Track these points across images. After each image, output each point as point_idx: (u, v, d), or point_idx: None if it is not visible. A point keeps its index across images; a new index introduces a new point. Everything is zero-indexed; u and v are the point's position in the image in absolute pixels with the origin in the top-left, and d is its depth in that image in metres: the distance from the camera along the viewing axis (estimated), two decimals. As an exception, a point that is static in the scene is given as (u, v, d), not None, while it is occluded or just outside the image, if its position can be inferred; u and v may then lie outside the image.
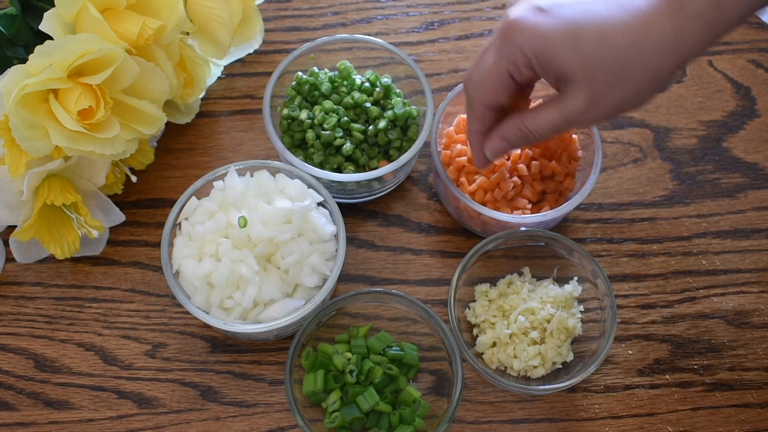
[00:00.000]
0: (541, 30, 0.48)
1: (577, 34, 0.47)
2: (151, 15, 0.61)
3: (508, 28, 0.49)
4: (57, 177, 0.62)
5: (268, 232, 0.58)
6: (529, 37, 0.48)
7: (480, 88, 0.52)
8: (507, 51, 0.50)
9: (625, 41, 0.47)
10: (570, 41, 0.47)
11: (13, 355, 0.63)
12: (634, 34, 0.47)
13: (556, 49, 0.48)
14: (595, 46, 0.47)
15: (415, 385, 0.61)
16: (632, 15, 0.47)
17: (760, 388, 0.62)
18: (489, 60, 0.51)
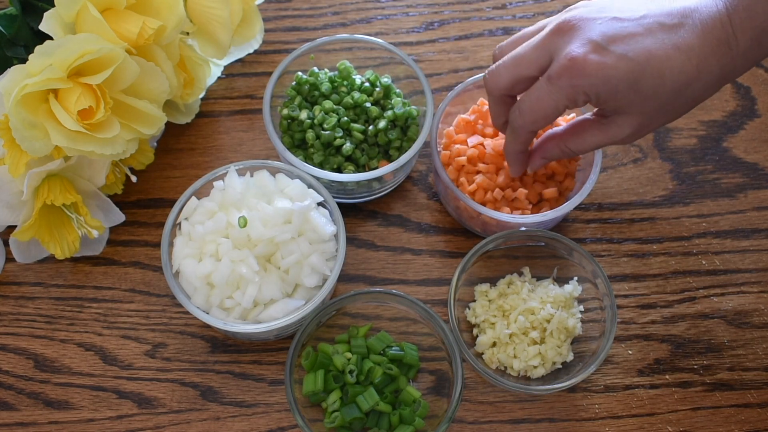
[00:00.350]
0: (605, 71, 0.49)
1: (638, 75, 0.49)
2: (151, 15, 0.61)
3: (570, 67, 0.50)
4: (57, 177, 0.62)
5: (268, 232, 0.58)
6: (592, 78, 0.50)
7: (530, 118, 0.54)
8: (568, 90, 0.51)
9: (681, 81, 0.49)
10: (632, 82, 0.49)
11: (13, 355, 0.63)
12: (688, 75, 0.49)
13: (618, 89, 0.50)
14: (655, 86, 0.49)
15: (415, 385, 0.61)
16: (686, 55, 0.49)
17: (760, 388, 0.62)
18: (543, 94, 0.52)
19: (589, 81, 0.50)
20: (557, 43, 0.52)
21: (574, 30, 0.51)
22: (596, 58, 0.49)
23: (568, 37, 0.51)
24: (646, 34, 0.49)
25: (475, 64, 0.76)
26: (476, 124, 0.68)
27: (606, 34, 0.50)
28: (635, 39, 0.49)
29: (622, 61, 0.49)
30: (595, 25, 0.50)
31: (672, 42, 0.49)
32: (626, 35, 0.49)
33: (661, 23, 0.50)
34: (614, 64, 0.49)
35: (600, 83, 0.50)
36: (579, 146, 0.55)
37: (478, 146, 0.65)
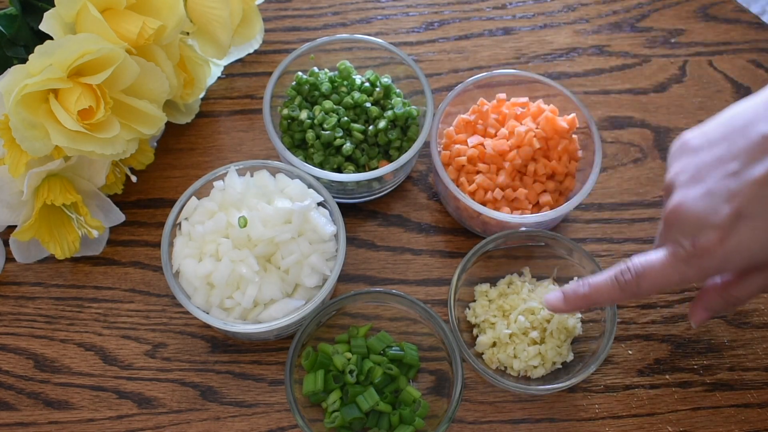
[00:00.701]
0: (737, 248, 0.47)
1: (766, 232, 0.46)
2: (151, 15, 0.61)
3: (696, 255, 0.48)
4: (57, 177, 0.62)
5: (268, 232, 0.58)
6: (727, 260, 0.47)
7: (650, 290, 0.51)
8: (698, 273, 0.48)
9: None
10: (764, 240, 0.46)
11: (13, 355, 0.63)
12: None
13: (758, 253, 0.47)
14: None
15: (415, 385, 0.61)
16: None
17: (760, 388, 0.62)
18: (670, 271, 0.49)
19: (718, 263, 0.47)
20: (673, 234, 0.49)
21: (682, 218, 0.48)
22: (720, 245, 0.46)
23: (679, 227, 0.49)
24: (755, 186, 0.46)
25: (475, 64, 0.76)
26: (476, 124, 0.68)
27: (714, 210, 0.47)
28: (748, 198, 0.46)
29: (746, 229, 0.46)
30: (700, 204, 0.47)
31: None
32: (737, 200, 0.46)
33: (763, 161, 0.46)
34: (740, 239, 0.46)
35: (735, 261, 0.47)
36: (744, 292, 0.51)
37: (478, 146, 0.65)
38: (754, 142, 0.46)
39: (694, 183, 0.49)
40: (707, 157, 0.49)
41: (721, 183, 0.47)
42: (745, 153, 0.46)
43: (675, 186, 0.50)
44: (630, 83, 0.76)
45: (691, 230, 0.48)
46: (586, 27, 0.79)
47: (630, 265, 0.51)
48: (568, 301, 0.55)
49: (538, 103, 0.68)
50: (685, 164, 0.50)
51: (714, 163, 0.48)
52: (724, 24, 0.79)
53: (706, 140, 0.49)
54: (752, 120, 0.47)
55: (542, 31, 0.79)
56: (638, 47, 0.78)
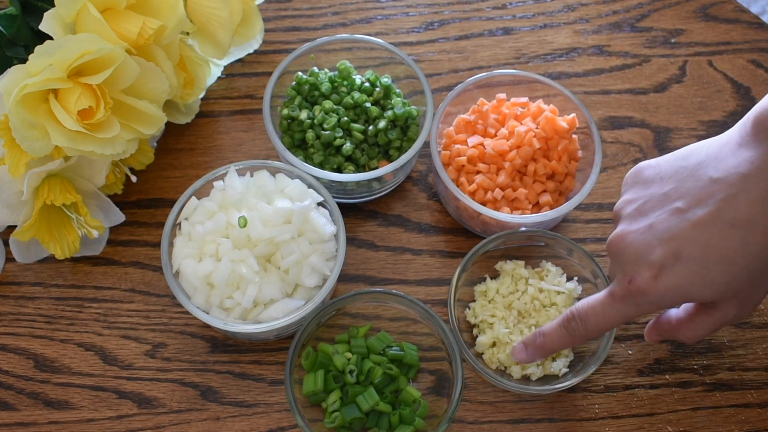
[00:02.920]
0: (671, 286, 0.47)
1: (705, 273, 0.47)
2: (151, 15, 0.61)
3: (632, 293, 0.49)
4: (57, 177, 0.62)
5: (268, 232, 0.58)
6: (660, 297, 0.48)
7: (595, 331, 0.53)
8: (636, 310, 0.50)
9: (754, 255, 0.46)
10: (701, 282, 0.47)
11: (13, 355, 0.63)
12: (759, 246, 0.46)
13: (692, 293, 0.48)
14: (727, 272, 0.47)
15: (415, 385, 0.61)
16: (748, 229, 0.46)
17: (760, 388, 0.62)
18: (609, 311, 0.51)
19: (653, 300, 0.48)
20: (615, 266, 0.51)
21: (621, 251, 0.50)
22: (654, 283, 0.48)
23: (621, 260, 0.50)
24: (696, 227, 0.47)
25: (475, 64, 0.76)
26: (476, 124, 0.68)
27: (654, 248, 0.48)
28: (686, 239, 0.47)
29: (681, 269, 0.47)
30: (640, 240, 0.49)
31: (726, 221, 0.46)
32: (676, 240, 0.47)
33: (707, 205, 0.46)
34: (673, 278, 0.47)
35: (669, 298, 0.48)
36: (693, 333, 0.53)
37: (478, 146, 0.65)
38: (701, 185, 0.47)
39: (638, 216, 0.50)
40: (655, 192, 0.50)
41: (663, 221, 0.48)
42: (691, 194, 0.47)
43: (621, 217, 0.52)
44: (630, 83, 0.76)
45: (629, 265, 0.49)
46: (586, 27, 0.79)
47: (574, 310, 0.53)
48: (529, 352, 0.57)
49: (538, 103, 0.68)
50: (634, 195, 0.51)
51: (660, 199, 0.49)
52: (724, 24, 0.79)
53: (658, 174, 0.51)
54: (704, 162, 0.48)
55: (542, 31, 0.79)
56: (638, 47, 0.78)
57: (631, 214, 0.51)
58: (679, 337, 0.54)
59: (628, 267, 0.49)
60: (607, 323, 0.52)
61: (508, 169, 0.64)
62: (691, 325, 0.53)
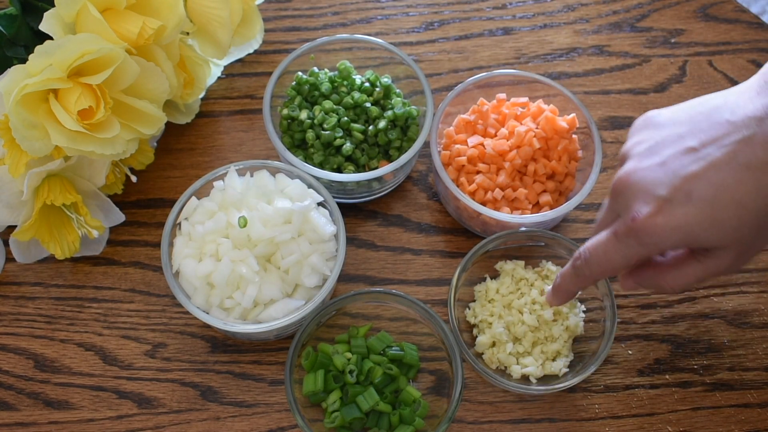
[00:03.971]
0: (675, 226, 0.45)
1: (714, 215, 0.45)
2: (151, 15, 0.61)
3: (636, 229, 0.46)
4: (57, 177, 0.62)
5: (268, 232, 0.58)
6: (662, 237, 0.46)
7: (599, 272, 0.50)
8: (638, 249, 0.47)
9: (766, 202, 0.44)
10: (710, 223, 0.45)
11: (13, 355, 0.63)
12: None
13: (697, 235, 0.46)
14: (738, 216, 0.45)
15: (415, 385, 0.61)
16: (763, 172, 0.44)
17: (760, 388, 0.62)
18: (611, 250, 0.48)
19: (657, 239, 0.46)
20: (619, 203, 0.49)
21: (629, 187, 0.47)
22: (660, 218, 0.45)
23: (626, 197, 0.48)
24: (709, 167, 0.45)
25: (475, 64, 0.76)
26: (476, 124, 0.68)
27: (664, 183, 0.46)
28: (698, 177, 0.45)
29: (690, 208, 0.45)
30: (650, 175, 0.47)
31: (742, 162, 0.44)
32: (688, 177, 0.45)
33: (723, 146, 0.45)
34: (684, 214, 0.45)
35: (674, 236, 0.46)
36: (677, 281, 0.49)
37: (478, 146, 0.65)
38: (717, 126, 0.46)
39: (650, 154, 0.48)
40: (668, 133, 0.48)
41: (676, 158, 0.46)
42: (707, 134, 0.46)
43: (629, 156, 0.49)
44: (630, 83, 0.76)
45: (635, 200, 0.47)
46: (586, 27, 0.79)
47: (581, 249, 0.51)
48: (552, 296, 0.57)
49: (538, 103, 0.68)
50: (645, 137, 0.49)
51: (674, 139, 0.47)
52: (724, 24, 0.79)
53: (670, 119, 0.49)
54: (720, 106, 0.47)
55: (542, 31, 0.79)
56: (638, 47, 0.78)
57: (641, 153, 0.48)
58: (661, 283, 0.50)
59: (634, 203, 0.47)
60: (610, 264, 0.49)
61: (508, 169, 0.64)
62: (677, 271, 0.49)
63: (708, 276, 0.49)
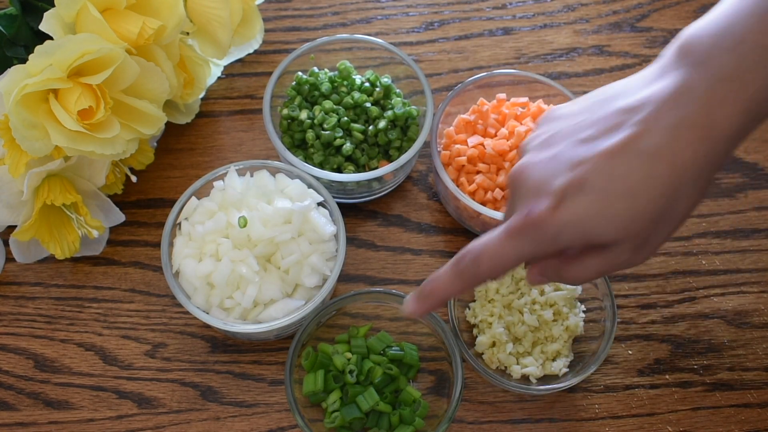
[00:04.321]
0: (568, 220, 0.43)
1: (608, 207, 0.43)
2: (151, 15, 0.61)
3: (529, 224, 0.44)
4: (57, 177, 0.62)
5: (268, 232, 0.58)
6: (559, 232, 0.43)
7: (489, 272, 0.46)
8: (534, 246, 0.44)
9: (659, 192, 0.42)
10: (602, 217, 0.43)
11: (13, 355, 0.63)
12: (664, 181, 0.42)
13: (592, 229, 0.43)
14: (630, 207, 0.42)
15: (415, 385, 0.61)
16: (656, 160, 0.42)
17: (760, 388, 0.62)
18: (505, 248, 0.45)
19: (552, 234, 0.43)
20: (514, 197, 0.46)
21: (523, 181, 0.45)
22: (553, 212, 0.43)
23: (521, 191, 0.45)
24: (601, 157, 0.43)
25: (475, 64, 0.76)
26: (476, 124, 0.68)
27: (556, 177, 0.44)
28: (591, 168, 0.43)
29: (583, 200, 0.43)
30: (543, 168, 0.45)
31: (634, 150, 0.42)
32: (580, 169, 0.43)
33: (616, 134, 0.43)
34: (575, 210, 0.43)
35: (567, 234, 0.43)
36: (579, 273, 0.47)
37: (478, 146, 0.65)
38: (610, 113, 0.44)
39: (544, 148, 0.46)
40: (565, 125, 0.46)
41: (570, 150, 0.44)
42: (601, 123, 0.44)
43: (525, 150, 0.48)
44: (630, 83, 0.76)
45: (528, 195, 0.45)
46: (586, 27, 0.79)
47: (466, 249, 0.47)
48: (419, 303, 0.49)
49: (538, 103, 0.68)
50: (543, 130, 0.48)
51: (569, 131, 0.46)
52: (724, 24, 0.79)
53: (569, 111, 0.48)
54: (617, 94, 0.45)
55: (542, 31, 0.79)
56: (638, 47, 0.78)
57: (536, 146, 0.47)
58: (564, 275, 0.47)
59: (528, 198, 0.45)
60: (502, 262, 0.45)
61: (508, 169, 0.64)
62: (579, 263, 0.46)
63: (609, 270, 0.46)
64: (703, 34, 0.43)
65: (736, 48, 0.41)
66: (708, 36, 0.42)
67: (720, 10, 0.43)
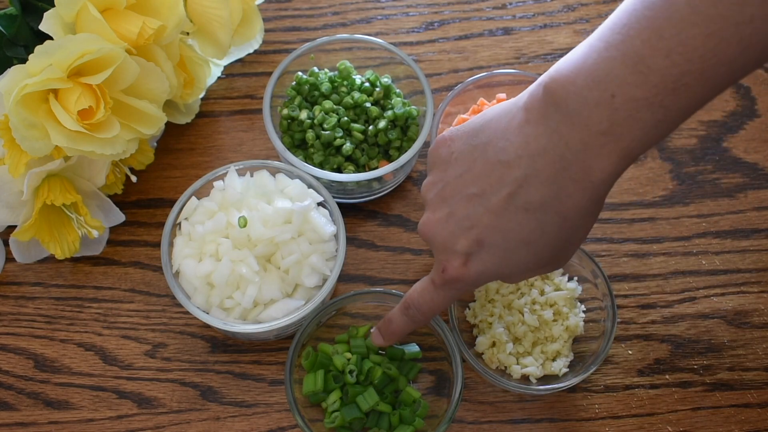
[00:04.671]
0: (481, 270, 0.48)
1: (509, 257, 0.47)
2: (151, 15, 0.61)
3: (447, 281, 0.49)
4: (57, 177, 0.62)
5: (268, 232, 0.58)
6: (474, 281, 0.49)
7: (430, 315, 0.53)
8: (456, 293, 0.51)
9: (551, 236, 0.45)
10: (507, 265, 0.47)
11: (13, 355, 0.63)
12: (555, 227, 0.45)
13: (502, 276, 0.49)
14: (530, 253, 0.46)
15: (415, 385, 0.61)
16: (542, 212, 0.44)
17: (760, 388, 0.62)
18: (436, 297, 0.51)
19: (468, 284, 0.49)
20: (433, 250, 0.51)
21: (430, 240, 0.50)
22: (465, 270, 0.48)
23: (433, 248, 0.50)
24: (492, 214, 0.46)
25: (475, 64, 0.76)
26: (476, 124, 0.67)
27: (458, 238, 0.47)
28: (485, 226, 0.46)
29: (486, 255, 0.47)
30: (444, 229, 0.48)
31: (519, 206, 0.45)
32: (476, 228, 0.47)
33: (499, 191, 0.45)
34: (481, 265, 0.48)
35: (482, 280, 0.49)
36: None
37: (478, 146, 0.65)
38: (491, 168, 0.46)
39: (440, 203, 0.49)
40: (451, 175, 0.49)
41: (462, 208, 0.47)
42: (483, 179, 0.46)
43: (426, 202, 0.51)
44: (630, 83, 0.76)
45: (440, 254, 0.50)
46: (586, 27, 0.79)
47: (408, 299, 0.54)
48: (384, 338, 0.57)
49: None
50: (434, 178, 0.51)
51: (457, 185, 0.48)
52: (724, 24, 0.79)
53: (452, 153, 0.49)
54: (492, 140, 0.46)
55: (542, 31, 0.79)
56: (638, 47, 0.78)
57: (433, 201, 0.50)
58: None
59: (440, 256, 0.50)
60: (438, 307, 0.52)
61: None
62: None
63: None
64: (572, 85, 0.42)
65: (609, 102, 0.41)
66: (578, 85, 0.42)
67: (588, 52, 0.42)
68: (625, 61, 0.40)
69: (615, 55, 0.41)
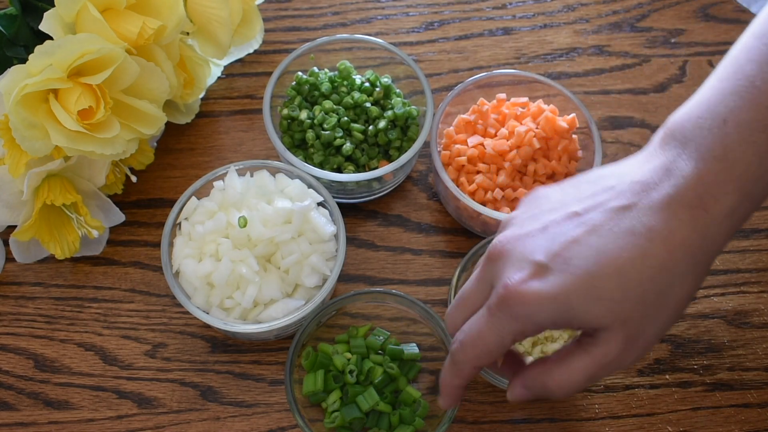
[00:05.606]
0: (550, 294, 0.41)
1: (594, 284, 0.41)
2: (151, 15, 0.61)
3: (507, 297, 0.42)
4: (57, 177, 0.62)
5: (268, 232, 0.58)
6: (535, 306, 0.41)
7: (472, 354, 0.44)
8: (511, 322, 0.42)
9: (651, 272, 0.40)
10: (588, 294, 0.41)
11: (13, 355, 0.63)
12: (658, 260, 0.40)
13: (575, 308, 0.41)
14: (619, 286, 0.40)
15: (415, 385, 0.61)
16: (647, 239, 0.40)
17: (760, 388, 0.62)
18: (483, 327, 0.43)
19: (532, 309, 0.41)
20: (493, 271, 0.44)
21: (505, 254, 0.43)
22: (537, 283, 0.41)
23: (501, 263, 0.43)
24: (591, 232, 0.41)
25: (475, 64, 0.76)
26: (476, 124, 0.68)
27: (541, 248, 0.42)
28: (578, 243, 0.41)
29: (568, 277, 0.41)
30: (528, 241, 0.43)
31: (625, 229, 0.41)
32: (567, 242, 0.41)
33: (607, 210, 0.42)
34: (559, 283, 0.41)
35: (547, 308, 0.41)
36: (565, 379, 0.43)
37: (478, 146, 0.65)
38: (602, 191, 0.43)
39: (531, 221, 0.44)
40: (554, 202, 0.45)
41: (558, 223, 0.43)
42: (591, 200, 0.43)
43: (510, 224, 0.46)
44: (630, 83, 0.76)
45: (509, 267, 0.43)
46: (586, 27, 0.79)
47: (458, 336, 0.45)
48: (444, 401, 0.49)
49: (538, 103, 0.68)
50: (530, 206, 0.46)
51: (558, 207, 0.44)
52: (724, 24, 0.79)
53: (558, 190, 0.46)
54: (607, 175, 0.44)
55: (542, 31, 0.79)
56: (638, 47, 0.78)
57: (522, 220, 0.45)
58: (548, 384, 0.44)
59: (508, 269, 0.43)
60: (484, 344, 0.43)
61: (508, 169, 0.64)
62: (564, 366, 0.44)
63: (598, 371, 0.43)
64: (687, 118, 0.42)
65: (721, 128, 0.41)
66: (691, 119, 0.42)
67: (702, 94, 0.43)
68: (735, 89, 0.41)
69: (726, 85, 0.41)
